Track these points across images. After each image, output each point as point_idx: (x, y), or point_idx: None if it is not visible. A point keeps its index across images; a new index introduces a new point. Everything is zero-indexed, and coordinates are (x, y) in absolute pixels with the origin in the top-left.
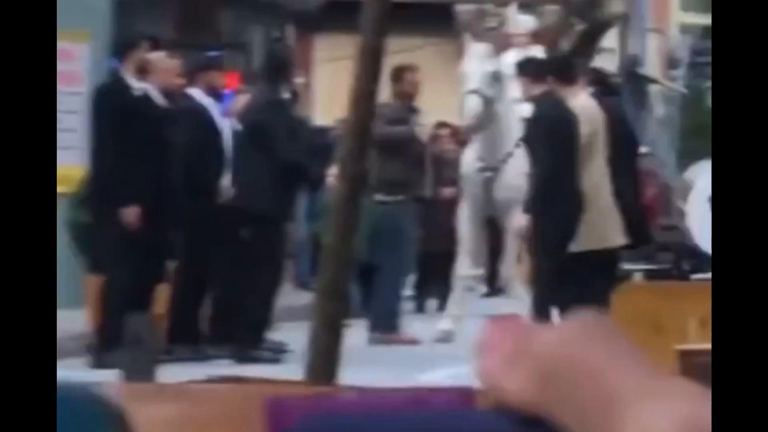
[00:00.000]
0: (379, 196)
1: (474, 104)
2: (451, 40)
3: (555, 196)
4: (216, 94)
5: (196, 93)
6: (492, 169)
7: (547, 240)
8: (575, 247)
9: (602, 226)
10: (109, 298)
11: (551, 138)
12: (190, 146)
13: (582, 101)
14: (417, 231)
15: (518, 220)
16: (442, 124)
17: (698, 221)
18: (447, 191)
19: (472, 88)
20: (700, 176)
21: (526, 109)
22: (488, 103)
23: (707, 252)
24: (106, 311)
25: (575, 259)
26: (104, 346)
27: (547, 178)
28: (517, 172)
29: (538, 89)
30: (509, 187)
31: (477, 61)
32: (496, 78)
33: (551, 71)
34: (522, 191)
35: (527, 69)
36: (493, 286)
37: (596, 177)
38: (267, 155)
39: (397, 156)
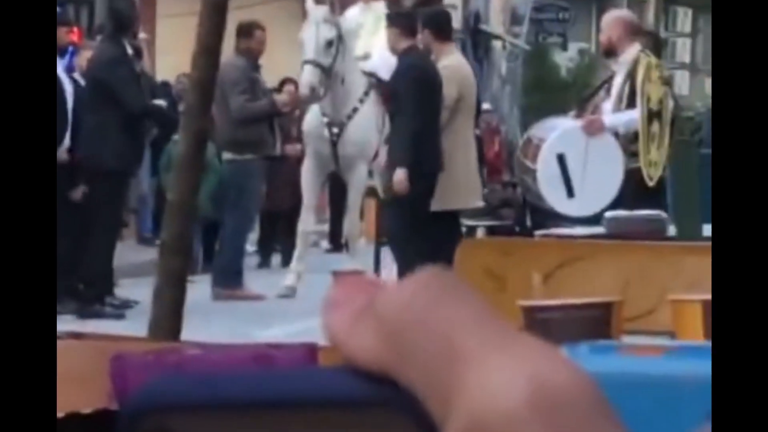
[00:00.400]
0: (227, 155)
1: (309, 75)
2: None
3: (418, 151)
4: (60, 50)
5: None
6: (338, 125)
7: (408, 196)
8: (435, 206)
9: (465, 186)
10: None
11: (417, 92)
12: None
13: (456, 59)
14: (262, 188)
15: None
16: (286, 81)
17: (548, 179)
18: (291, 148)
19: (308, 58)
20: (548, 133)
21: (370, 65)
22: (325, 71)
23: (558, 210)
24: None
25: (433, 217)
26: None
27: (412, 132)
28: (362, 128)
29: (406, 43)
30: (354, 143)
31: (314, 27)
32: (331, 44)
33: (428, 26)
34: (367, 147)
35: (398, 22)
36: (337, 242)
37: (463, 137)
38: (112, 110)
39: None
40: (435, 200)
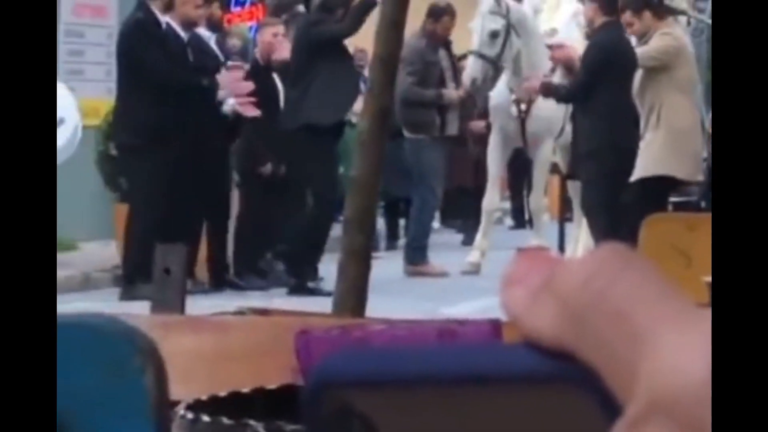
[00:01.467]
0: (405, 133)
1: (472, 67)
2: None
3: (610, 128)
4: (215, 26)
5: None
6: (525, 101)
7: (600, 172)
8: (657, 170)
9: (688, 156)
10: (137, 229)
11: (600, 72)
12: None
13: (678, 34)
14: (445, 165)
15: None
16: (463, 58)
17: None
18: (475, 125)
19: (473, 49)
20: None
21: (555, 41)
22: (490, 61)
23: None
24: (133, 242)
25: (642, 185)
26: (134, 278)
27: (602, 111)
28: (549, 104)
29: (602, 19)
30: (542, 119)
31: (480, 19)
32: (497, 35)
33: (647, 4)
34: (554, 124)
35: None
36: (519, 218)
37: (691, 111)
38: (325, 65)
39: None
40: (657, 165)
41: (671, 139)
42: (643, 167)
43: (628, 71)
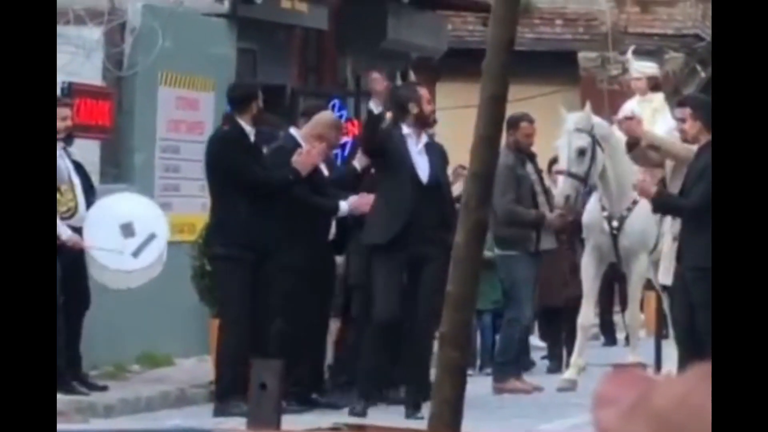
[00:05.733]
0: (495, 249)
1: (563, 186)
2: (572, 87)
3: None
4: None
5: (295, 134)
6: (617, 218)
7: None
8: None
9: None
10: (228, 345)
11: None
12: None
13: None
14: (535, 279)
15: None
16: (554, 161)
17: None
18: (555, 221)
19: (560, 168)
20: None
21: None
22: (580, 179)
23: None
24: (223, 358)
25: None
26: (227, 393)
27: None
28: (642, 220)
29: (706, 137)
30: (634, 234)
31: (566, 137)
32: (584, 152)
33: None
34: (647, 238)
35: (704, 114)
36: (609, 334)
37: None
38: (393, 178)
39: None
40: None
41: None
42: None
43: None
